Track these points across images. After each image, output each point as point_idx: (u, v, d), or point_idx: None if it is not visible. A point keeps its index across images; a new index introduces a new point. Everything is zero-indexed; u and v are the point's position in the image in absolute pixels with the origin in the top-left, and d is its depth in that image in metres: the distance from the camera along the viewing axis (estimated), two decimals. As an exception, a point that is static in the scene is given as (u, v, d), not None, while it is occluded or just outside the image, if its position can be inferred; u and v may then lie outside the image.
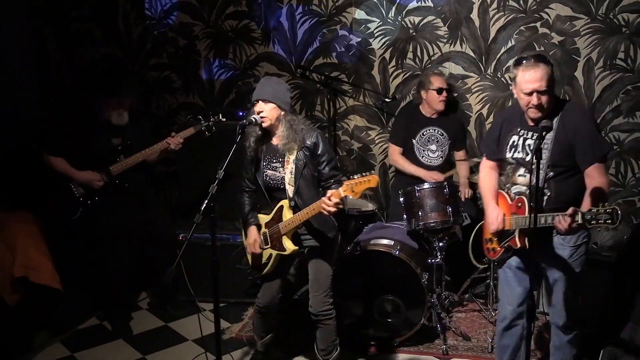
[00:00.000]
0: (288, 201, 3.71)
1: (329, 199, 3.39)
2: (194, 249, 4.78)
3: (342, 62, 5.58)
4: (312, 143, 3.68)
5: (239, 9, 5.72)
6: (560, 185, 3.33)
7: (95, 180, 4.55)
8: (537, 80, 3.22)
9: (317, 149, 3.68)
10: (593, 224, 2.96)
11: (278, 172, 3.74)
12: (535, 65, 3.24)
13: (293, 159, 3.67)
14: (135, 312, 5.13)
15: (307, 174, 3.70)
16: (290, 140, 3.64)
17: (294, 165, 3.66)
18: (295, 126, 3.67)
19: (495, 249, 3.60)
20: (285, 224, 3.71)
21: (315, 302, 3.89)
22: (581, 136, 3.27)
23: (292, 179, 3.68)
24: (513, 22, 5.13)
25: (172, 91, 6.05)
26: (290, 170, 3.67)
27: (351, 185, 3.31)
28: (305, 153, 3.68)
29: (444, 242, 4.63)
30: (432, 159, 5.17)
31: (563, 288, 3.46)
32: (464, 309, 5.01)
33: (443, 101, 5.05)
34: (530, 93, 3.25)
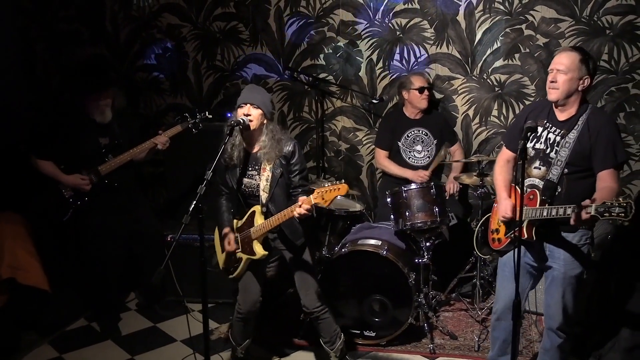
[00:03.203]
0: (260, 207, 3.79)
1: (300, 206, 3.48)
2: (182, 250, 4.77)
3: (330, 63, 5.58)
4: (289, 151, 3.78)
5: (227, 10, 5.71)
6: (573, 184, 3.38)
7: (83, 184, 4.53)
8: (559, 60, 3.39)
9: (293, 157, 3.80)
10: (606, 216, 3.01)
11: (254, 180, 3.81)
12: (567, 50, 3.45)
13: (270, 167, 3.75)
14: (123, 312, 5.10)
15: (282, 182, 3.79)
16: (271, 150, 3.73)
17: (271, 173, 3.75)
18: (277, 136, 3.77)
19: (501, 239, 3.65)
20: (256, 229, 3.78)
21: (308, 301, 3.98)
22: (602, 140, 3.34)
23: (267, 187, 3.77)
24: (498, 24, 5.16)
25: (160, 92, 6.04)
26: (266, 177, 3.76)
27: (321, 193, 3.41)
28: (282, 162, 3.76)
29: (430, 242, 4.65)
30: (418, 159, 5.19)
31: (560, 288, 3.49)
32: (451, 308, 5.03)
33: (425, 99, 5.09)
34: (551, 70, 3.41)
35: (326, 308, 4.04)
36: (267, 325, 4.66)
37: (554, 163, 3.41)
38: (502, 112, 5.30)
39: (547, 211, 3.33)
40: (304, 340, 4.56)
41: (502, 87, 5.26)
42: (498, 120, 5.32)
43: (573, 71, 3.35)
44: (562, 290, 3.48)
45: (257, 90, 3.89)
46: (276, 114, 5.70)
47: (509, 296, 3.57)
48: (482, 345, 4.43)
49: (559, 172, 3.39)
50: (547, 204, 3.39)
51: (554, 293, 3.51)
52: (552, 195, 3.41)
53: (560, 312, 3.52)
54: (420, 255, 4.61)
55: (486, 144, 5.38)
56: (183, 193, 5.38)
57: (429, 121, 5.20)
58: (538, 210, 3.37)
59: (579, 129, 3.38)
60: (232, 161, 3.80)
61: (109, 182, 4.61)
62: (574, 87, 3.38)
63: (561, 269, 3.47)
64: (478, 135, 5.40)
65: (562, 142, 3.40)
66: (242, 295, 4.04)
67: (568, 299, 3.50)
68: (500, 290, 3.74)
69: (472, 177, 4.87)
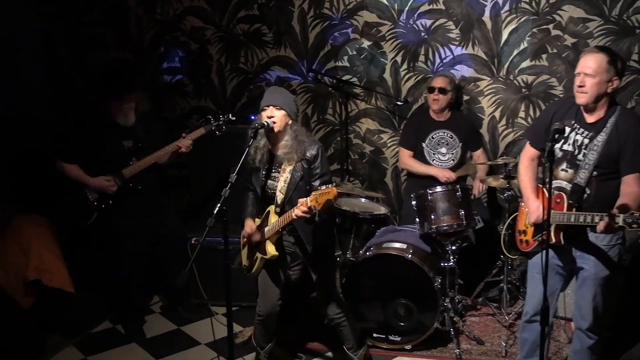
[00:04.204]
0: (274, 207, 3.80)
1: (298, 207, 3.48)
2: (206, 253, 4.78)
3: (354, 65, 5.58)
4: (312, 155, 3.74)
5: (250, 13, 5.74)
6: (602, 186, 3.35)
7: (109, 186, 4.57)
8: (586, 63, 3.33)
9: (315, 161, 3.75)
10: (634, 227, 2.99)
11: (276, 182, 3.81)
12: (593, 51, 3.39)
13: (290, 169, 3.74)
14: (148, 315, 5.14)
15: (302, 186, 3.76)
16: (293, 151, 3.71)
17: (290, 175, 3.73)
18: (300, 137, 3.75)
19: (529, 241, 3.62)
20: (268, 229, 3.80)
21: (327, 308, 4.00)
22: (630, 142, 3.30)
23: (284, 188, 3.76)
24: (525, 24, 5.12)
25: (184, 95, 6.09)
26: (284, 179, 3.75)
27: (316, 196, 3.40)
28: (303, 165, 3.74)
29: (456, 246, 4.62)
30: (442, 162, 5.17)
31: (591, 288, 3.45)
32: (478, 312, 4.99)
33: (436, 101, 5.07)
34: (578, 74, 3.36)
35: (346, 315, 4.02)
36: (291, 329, 4.67)
37: (581, 166, 3.37)
38: (529, 113, 5.25)
39: (574, 217, 3.30)
40: (328, 345, 4.55)
41: (529, 89, 5.21)
42: (525, 122, 5.27)
43: (601, 74, 3.30)
44: (594, 291, 3.45)
45: (280, 92, 3.89)
46: (300, 116, 5.71)
47: (538, 298, 3.53)
48: (509, 351, 4.39)
49: (587, 176, 3.35)
50: (575, 208, 3.35)
51: (585, 293, 3.48)
52: (580, 198, 3.37)
53: (591, 313, 3.48)
54: (446, 259, 4.59)
55: (513, 146, 5.34)
56: (207, 196, 5.41)
57: (455, 123, 5.18)
58: (565, 215, 3.33)
59: (607, 131, 3.34)
60: (255, 164, 3.81)
61: (133, 186, 4.64)
62: (603, 90, 3.33)
63: (592, 269, 3.43)
64: (504, 137, 5.36)
65: (591, 144, 3.36)
66: (261, 298, 4.06)
67: (599, 299, 3.46)
68: (530, 292, 3.71)
69: (498, 180, 4.83)
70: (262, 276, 4.00)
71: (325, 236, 3.90)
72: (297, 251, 3.97)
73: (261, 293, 4.05)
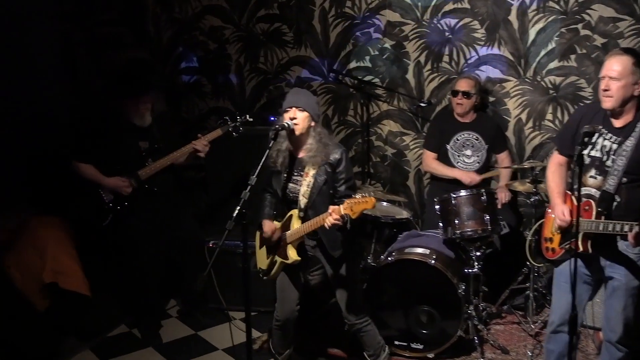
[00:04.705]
0: (298, 211, 3.80)
1: (330, 214, 3.48)
2: (223, 256, 4.81)
3: (376, 65, 5.59)
4: (336, 159, 3.74)
5: (270, 12, 5.77)
6: (632, 193, 3.32)
7: (124, 186, 4.61)
8: (610, 66, 3.31)
9: (339, 165, 3.75)
10: None
11: (298, 185, 3.80)
12: (617, 53, 3.36)
13: (313, 173, 3.73)
14: (164, 320, 5.17)
15: (325, 190, 3.76)
16: (317, 154, 3.71)
17: (313, 179, 3.73)
18: (324, 140, 3.75)
19: (555, 249, 3.60)
20: (291, 233, 3.80)
21: (348, 313, 3.99)
22: None
23: (307, 192, 3.75)
24: (553, 23, 5.09)
25: (202, 95, 6.13)
26: (307, 183, 3.74)
27: (350, 204, 3.41)
28: (327, 169, 3.74)
29: (481, 252, 4.60)
30: (467, 164, 5.16)
31: (621, 299, 3.42)
32: (502, 321, 4.96)
33: (460, 105, 5.08)
34: (603, 78, 3.33)
35: (368, 320, 4.03)
36: (310, 336, 4.68)
37: (610, 172, 3.34)
38: (557, 116, 5.22)
39: (603, 225, 3.27)
40: (348, 352, 4.55)
41: (557, 90, 5.19)
42: (552, 124, 5.24)
43: (627, 77, 3.27)
44: (624, 302, 3.41)
45: (303, 93, 3.90)
46: (321, 117, 5.71)
47: (565, 308, 3.51)
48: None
49: (616, 182, 3.31)
50: (604, 216, 3.33)
51: (615, 304, 3.44)
52: (609, 206, 3.34)
53: (621, 325, 3.44)
54: (470, 265, 4.57)
55: (540, 149, 5.31)
56: (224, 198, 5.45)
57: (480, 125, 5.17)
58: (594, 223, 3.31)
59: (637, 136, 3.30)
60: (276, 166, 3.82)
61: (149, 187, 4.67)
62: (629, 93, 3.30)
63: (622, 279, 3.40)
64: (531, 140, 5.34)
65: (619, 150, 3.33)
66: (279, 303, 4.07)
67: (629, 311, 3.43)
68: (556, 301, 3.68)
69: (524, 184, 4.81)
70: (281, 280, 4.01)
71: (347, 240, 3.90)
72: (317, 255, 3.97)
73: (279, 297, 4.06)
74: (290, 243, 3.82)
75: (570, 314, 3.31)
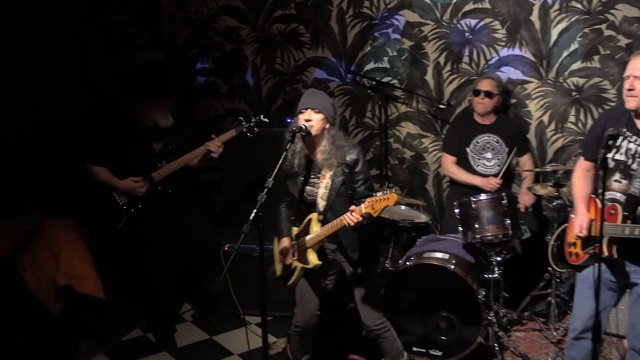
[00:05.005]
0: (317, 215, 3.81)
1: (351, 214, 3.49)
2: (239, 260, 4.82)
3: (394, 66, 5.60)
4: (352, 160, 3.75)
5: (287, 12, 5.80)
6: None
7: (138, 187, 4.64)
8: (635, 65, 3.31)
9: (357, 166, 3.76)
10: None
11: (315, 188, 3.82)
12: None
13: (330, 175, 3.75)
14: (179, 324, 5.21)
15: (343, 191, 3.77)
16: (331, 156, 3.72)
17: (331, 181, 3.74)
18: (338, 142, 3.76)
19: (579, 254, 3.59)
20: (311, 238, 3.81)
21: (367, 318, 4.00)
22: None
23: (325, 194, 3.77)
24: (576, 24, 5.07)
25: (218, 97, 6.17)
26: (325, 185, 3.75)
27: (372, 203, 3.42)
28: (344, 170, 3.75)
29: (502, 257, 4.60)
30: (488, 167, 5.15)
31: None
32: (524, 327, 4.95)
33: (481, 104, 5.07)
34: (627, 77, 3.33)
35: (387, 326, 4.04)
36: (326, 341, 4.69)
37: (636, 176, 3.33)
38: (579, 118, 5.20)
39: (629, 230, 3.26)
40: (367, 358, 4.56)
41: (579, 92, 5.17)
42: (575, 126, 5.22)
43: None
44: None
45: (318, 94, 3.92)
46: (337, 119, 5.73)
47: (587, 314, 3.51)
48: (557, 368, 4.36)
49: None
50: (630, 221, 3.31)
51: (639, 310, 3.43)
52: (635, 210, 3.33)
53: None
54: (490, 270, 4.57)
55: (562, 152, 5.29)
56: (240, 201, 5.47)
57: (501, 127, 5.16)
58: (619, 227, 3.30)
59: None
60: (293, 169, 3.83)
61: (163, 189, 4.70)
62: None
63: None
64: (553, 142, 5.31)
65: None
66: (299, 307, 4.08)
67: None
68: (578, 307, 3.67)
69: (547, 188, 4.79)
70: (301, 285, 4.02)
71: (368, 243, 3.90)
72: (338, 258, 3.97)
73: (299, 302, 4.08)
74: (311, 247, 3.82)
75: (593, 320, 3.30)
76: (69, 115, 5.94)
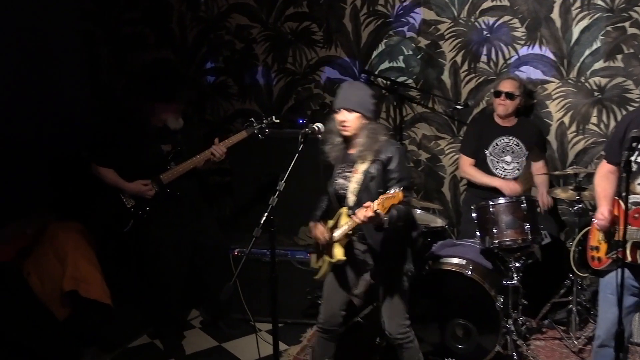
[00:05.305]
0: (347, 209, 3.76)
1: (366, 210, 3.43)
2: (249, 264, 4.83)
3: (410, 66, 5.57)
4: (387, 157, 3.67)
5: (299, 10, 5.79)
6: None
7: (146, 190, 4.63)
8: None
9: (391, 163, 3.67)
10: None
11: (347, 182, 3.77)
12: None
13: (363, 170, 3.69)
14: (187, 330, 5.21)
15: (373, 187, 3.69)
16: (367, 149, 3.66)
17: (363, 176, 3.68)
18: (376, 135, 3.69)
19: (601, 258, 3.56)
20: (338, 232, 3.76)
21: (391, 326, 3.91)
22: None
23: (356, 189, 3.72)
24: (598, 21, 5.03)
25: (228, 97, 6.16)
26: (357, 180, 3.70)
27: (382, 200, 3.37)
28: (377, 167, 3.68)
29: (521, 263, 4.55)
30: (507, 171, 5.11)
31: None
32: (543, 336, 4.90)
33: (502, 105, 5.03)
34: None
35: (411, 336, 3.94)
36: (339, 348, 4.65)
37: None
38: (602, 119, 5.16)
39: None
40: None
41: (602, 92, 5.12)
42: (597, 128, 5.18)
43: None
44: None
45: (352, 90, 3.81)
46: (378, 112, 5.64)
47: (611, 321, 3.48)
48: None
49: None
50: None
51: None
52: None
53: None
54: (508, 276, 4.52)
55: (584, 154, 5.25)
56: (250, 204, 5.46)
57: (521, 130, 5.11)
58: None
59: None
60: (330, 162, 3.83)
61: (171, 192, 4.69)
62: None
63: None
64: (575, 145, 5.27)
65: None
66: (323, 303, 4.05)
67: None
68: (602, 314, 3.64)
69: (567, 192, 4.75)
70: (328, 280, 3.99)
71: (397, 247, 3.83)
72: (367, 260, 3.90)
73: (324, 297, 4.05)
74: (338, 241, 3.77)
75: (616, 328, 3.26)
76: (75, 115, 5.96)
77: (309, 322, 4.99)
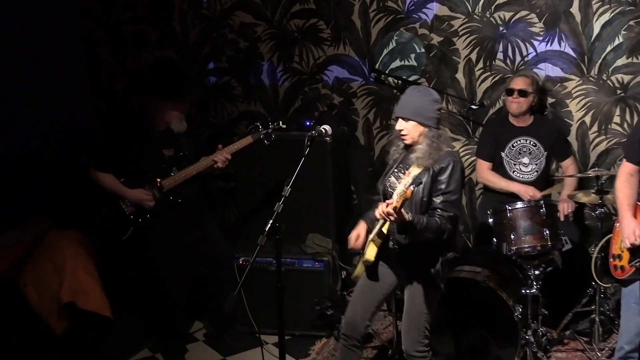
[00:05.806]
0: None
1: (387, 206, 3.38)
2: (255, 274, 4.80)
3: (422, 64, 5.55)
4: (440, 167, 3.65)
5: (306, 7, 5.78)
6: None
7: (146, 199, 4.61)
8: None
9: (442, 174, 3.64)
10: None
11: (397, 182, 3.76)
12: None
13: (414, 175, 3.66)
14: (190, 343, 5.19)
15: (417, 192, 3.63)
16: (426, 157, 3.66)
17: (411, 180, 3.64)
18: (439, 145, 3.70)
19: (624, 267, 3.55)
20: (374, 232, 3.73)
21: (407, 342, 3.84)
22: None
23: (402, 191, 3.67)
24: (620, 16, 5.02)
25: (232, 98, 6.15)
26: (405, 182, 3.63)
27: (401, 197, 3.34)
28: (428, 175, 3.65)
29: (540, 270, 4.52)
30: (524, 173, 5.09)
31: None
32: (565, 348, 4.86)
33: (515, 103, 5.02)
34: None
35: (428, 356, 3.85)
36: None
37: None
38: (625, 118, 5.13)
39: None
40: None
41: (625, 90, 5.10)
42: (620, 128, 5.15)
43: None
44: None
45: (411, 97, 3.77)
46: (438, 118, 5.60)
47: (634, 331, 3.50)
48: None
49: None
50: None
51: None
52: None
53: None
54: (527, 285, 4.49)
55: (606, 156, 5.23)
56: (255, 211, 5.45)
57: (538, 130, 5.09)
58: None
59: None
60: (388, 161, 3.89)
61: (173, 198, 4.68)
62: None
63: None
64: (596, 146, 5.25)
65: None
66: (348, 306, 4.01)
67: None
68: (625, 324, 3.65)
69: (589, 195, 4.70)
70: (360, 284, 3.96)
71: (424, 259, 3.77)
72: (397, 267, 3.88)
73: (350, 300, 4.02)
74: (372, 241, 3.74)
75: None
76: (75, 118, 5.96)
77: (318, 334, 4.97)
